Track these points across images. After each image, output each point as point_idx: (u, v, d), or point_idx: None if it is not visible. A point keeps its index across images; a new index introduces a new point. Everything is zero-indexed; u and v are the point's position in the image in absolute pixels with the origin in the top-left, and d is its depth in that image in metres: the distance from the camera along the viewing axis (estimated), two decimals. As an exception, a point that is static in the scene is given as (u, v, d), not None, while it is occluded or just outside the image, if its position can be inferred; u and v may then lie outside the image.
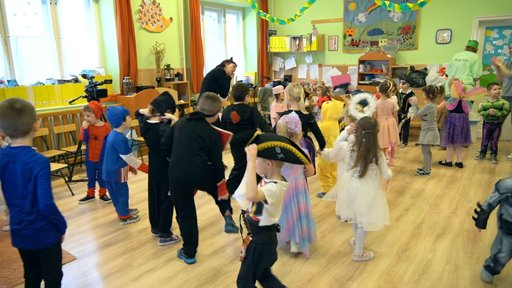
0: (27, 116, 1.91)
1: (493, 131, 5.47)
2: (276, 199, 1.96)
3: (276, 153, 1.96)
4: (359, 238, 2.88)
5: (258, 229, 2.06)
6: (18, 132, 1.91)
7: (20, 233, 1.96)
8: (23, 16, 5.41)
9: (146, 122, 3.17)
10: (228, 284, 2.64)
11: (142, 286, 2.65)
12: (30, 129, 1.93)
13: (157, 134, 3.05)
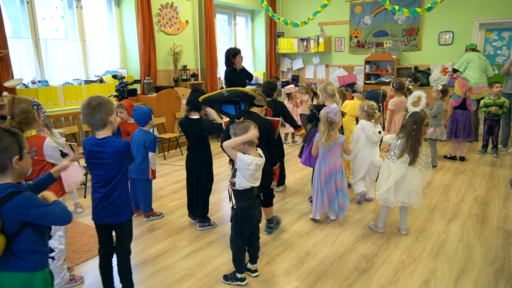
0: (100, 112, 2.21)
1: (494, 127, 5.84)
2: (245, 167, 2.47)
3: (223, 94, 2.72)
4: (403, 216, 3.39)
5: (238, 196, 2.60)
6: (96, 126, 2.24)
7: (101, 209, 2.28)
8: (51, 19, 5.72)
9: (187, 117, 3.47)
10: (271, 258, 2.97)
11: (191, 264, 2.97)
12: (106, 122, 2.25)
13: (200, 129, 3.37)
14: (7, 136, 1.65)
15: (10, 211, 1.61)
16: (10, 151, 1.65)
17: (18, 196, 1.62)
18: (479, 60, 6.42)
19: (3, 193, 1.62)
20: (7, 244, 1.65)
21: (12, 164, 1.65)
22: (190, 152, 3.58)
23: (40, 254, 1.72)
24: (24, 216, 1.63)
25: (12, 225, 1.64)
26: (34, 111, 2.51)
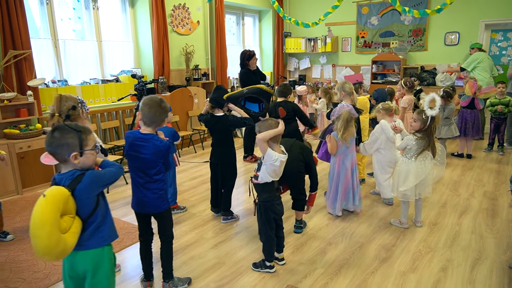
0: (164, 115, 2.41)
1: (500, 126, 6.01)
2: (270, 163, 2.62)
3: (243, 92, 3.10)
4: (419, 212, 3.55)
5: (260, 189, 2.76)
6: (153, 124, 2.40)
7: (143, 200, 2.44)
8: (68, 20, 5.87)
9: (212, 115, 3.63)
10: (295, 248, 3.13)
11: (219, 253, 3.13)
12: (160, 124, 2.43)
13: (226, 125, 3.53)
14: (70, 133, 1.80)
15: (83, 191, 1.77)
16: (71, 147, 1.80)
17: (84, 176, 1.78)
18: (488, 60, 6.58)
19: (71, 178, 1.79)
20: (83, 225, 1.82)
21: (70, 158, 1.80)
22: (215, 148, 3.73)
23: (107, 228, 1.89)
24: (96, 189, 1.82)
25: (88, 205, 1.80)
26: (79, 108, 2.67)
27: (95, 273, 1.87)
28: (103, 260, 1.89)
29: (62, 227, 1.72)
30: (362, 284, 2.67)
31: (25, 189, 4.62)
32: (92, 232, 1.84)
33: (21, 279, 2.79)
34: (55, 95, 2.67)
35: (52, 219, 1.66)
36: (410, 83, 5.55)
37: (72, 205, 1.77)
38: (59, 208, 1.69)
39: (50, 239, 1.64)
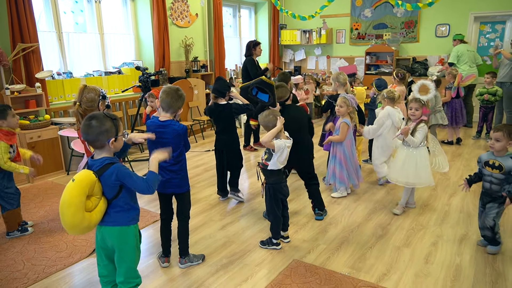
0: (181, 102, 2.62)
1: (488, 114, 6.32)
2: (281, 151, 2.82)
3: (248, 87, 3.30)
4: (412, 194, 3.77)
5: (268, 173, 2.96)
6: (170, 110, 2.61)
7: (166, 181, 2.66)
8: (71, 13, 6.00)
9: (216, 104, 3.84)
10: (298, 228, 3.39)
11: (228, 233, 3.38)
12: (177, 110, 2.64)
13: (231, 112, 3.78)
14: (108, 121, 2.01)
15: (107, 178, 1.98)
16: (109, 133, 2.00)
17: (112, 166, 1.99)
18: (468, 52, 6.89)
19: (100, 165, 2.00)
20: (108, 205, 2.04)
21: (108, 144, 2.01)
22: (219, 135, 3.96)
23: (134, 210, 2.11)
24: (117, 181, 2.01)
25: (111, 190, 2.01)
26: (99, 100, 2.87)
27: (122, 248, 2.09)
28: (129, 236, 2.11)
29: (88, 206, 1.95)
30: (361, 257, 2.94)
31: (35, 178, 4.80)
32: (118, 211, 2.06)
33: (46, 258, 3.01)
34: (80, 85, 2.87)
35: (77, 201, 1.89)
36: (402, 75, 5.79)
37: (98, 188, 1.98)
38: (85, 192, 1.92)
39: (74, 217, 1.89)
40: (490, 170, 2.84)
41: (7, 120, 3.16)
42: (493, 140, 2.81)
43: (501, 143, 2.77)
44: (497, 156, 2.83)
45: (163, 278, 2.73)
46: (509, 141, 2.76)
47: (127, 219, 2.08)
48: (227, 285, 2.63)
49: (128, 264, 2.11)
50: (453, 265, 2.82)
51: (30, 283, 2.69)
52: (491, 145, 2.83)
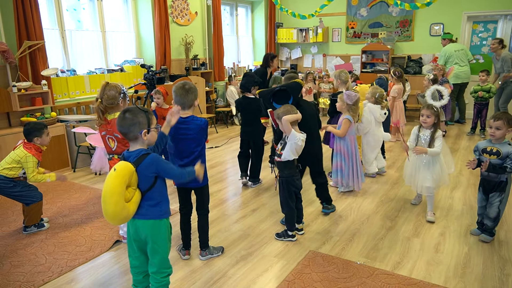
0: (191, 95, 2.68)
1: (482, 110, 6.53)
2: (295, 141, 2.94)
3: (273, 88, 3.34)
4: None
5: (282, 166, 3.08)
6: (184, 106, 2.68)
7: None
8: (74, 11, 6.00)
9: (245, 97, 4.17)
10: (310, 221, 3.50)
11: (242, 226, 3.47)
12: (192, 104, 2.71)
13: (258, 105, 3.98)
14: (141, 113, 2.09)
15: (144, 169, 2.06)
16: (142, 125, 2.09)
17: (148, 156, 2.08)
18: (455, 52, 7.09)
19: (137, 156, 2.08)
20: (142, 197, 2.11)
21: (141, 135, 2.09)
22: (245, 126, 4.34)
23: (165, 202, 2.18)
24: (155, 170, 2.08)
25: (146, 181, 2.09)
26: (120, 98, 2.93)
27: (155, 240, 2.17)
28: (162, 229, 2.19)
29: (126, 197, 2.02)
30: (374, 248, 3.07)
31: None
32: (151, 205, 2.13)
33: (66, 252, 3.06)
34: (102, 82, 2.92)
35: (120, 190, 1.96)
36: (399, 73, 5.96)
37: (135, 179, 2.06)
38: (125, 181, 1.99)
39: (117, 206, 1.95)
40: (488, 157, 2.97)
41: (42, 138, 3.36)
42: (494, 129, 2.94)
43: (501, 131, 2.92)
44: (495, 143, 2.97)
45: (185, 270, 2.81)
46: (508, 128, 2.92)
47: (160, 212, 2.16)
48: (249, 275, 2.73)
49: (161, 255, 2.19)
50: (462, 253, 2.97)
51: (55, 276, 2.75)
52: (491, 133, 2.96)
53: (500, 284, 2.59)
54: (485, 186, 3.11)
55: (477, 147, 3.10)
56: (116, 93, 2.92)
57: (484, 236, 3.14)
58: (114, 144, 2.95)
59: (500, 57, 6.51)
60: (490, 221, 3.09)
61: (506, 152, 2.89)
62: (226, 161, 5.53)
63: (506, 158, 2.89)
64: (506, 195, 3.03)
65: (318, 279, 2.64)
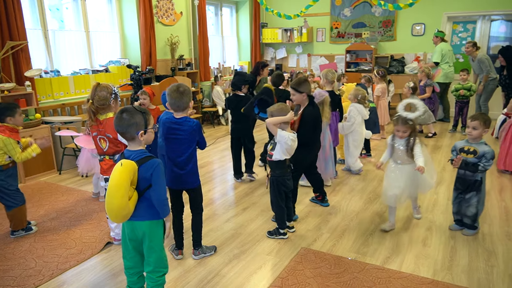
0: (186, 97, 2.67)
1: (463, 108, 6.71)
2: (284, 141, 2.97)
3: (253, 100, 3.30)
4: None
5: (273, 166, 3.11)
6: (179, 108, 2.68)
7: (179, 177, 2.74)
8: (56, 11, 5.91)
9: (236, 95, 4.29)
10: (300, 219, 3.54)
11: (234, 225, 3.49)
12: (187, 106, 2.71)
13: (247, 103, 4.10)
14: (138, 114, 2.09)
15: (145, 170, 2.06)
16: (139, 126, 2.08)
17: (151, 160, 2.08)
18: (449, 52, 7.25)
19: (141, 156, 2.08)
20: (139, 197, 2.11)
21: (138, 136, 2.09)
22: (236, 124, 4.43)
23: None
24: (151, 175, 2.08)
25: (145, 182, 2.08)
26: (111, 98, 2.91)
27: (152, 238, 2.17)
28: (158, 228, 2.20)
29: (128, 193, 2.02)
30: (365, 243, 3.13)
31: (27, 178, 4.73)
32: (148, 206, 2.12)
33: (56, 255, 3.02)
34: (93, 83, 2.90)
35: (126, 184, 1.97)
36: (382, 72, 6.08)
37: (135, 178, 2.06)
38: (130, 177, 2.00)
39: (122, 200, 1.96)
40: (465, 156, 3.07)
41: (15, 118, 3.20)
42: (471, 128, 3.04)
43: (478, 131, 3.02)
44: (472, 142, 3.07)
45: (179, 269, 2.81)
46: (484, 128, 3.01)
47: (156, 213, 2.16)
48: (242, 273, 2.75)
49: (158, 254, 2.19)
50: (448, 247, 3.06)
51: (46, 280, 2.71)
52: (468, 133, 3.06)
53: (486, 275, 2.69)
54: (460, 184, 3.20)
55: (455, 146, 3.20)
56: (107, 93, 2.90)
57: (466, 231, 3.24)
58: (106, 144, 2.93)
59: (476, 58, 6.70)
60: (469, 219, 3.18)
61: (483, 151, 2.99)
62: (214, 161, 5.53)
63: (482, 157, 2.99)
64: (482, 194, 3.13)
65: (311, 275, 2.69)
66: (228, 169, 5.10)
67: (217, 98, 7.84)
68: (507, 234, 3.25)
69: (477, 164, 2.99)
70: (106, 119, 2.91)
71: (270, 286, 2.58)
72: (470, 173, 3.08)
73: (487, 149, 2.99)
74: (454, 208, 3.30)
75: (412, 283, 2.59)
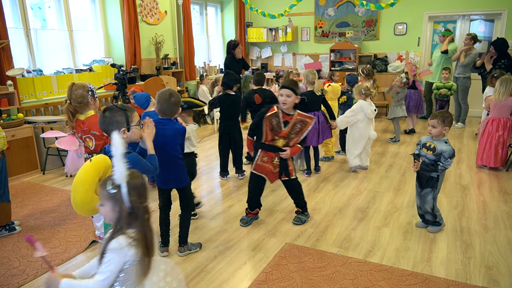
0: (176, 107, 2.71)
1: (444, 106, 6.87)
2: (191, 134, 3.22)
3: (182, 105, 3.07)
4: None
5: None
6: (166, 114, 2.70)
7: (167, 177, 2.76)
8: (38, 10, 5.84)
9: (227, 94, 4.39)
10: (285, 215, 3.60)
11: (219, 222, 3.52)
12: (174, 114, 2.74)
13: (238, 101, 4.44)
14: (119, 111, 2.11)
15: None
16: (120, 124, 2.11)
17: (129, 155, 2.10)
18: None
19: None
20: None
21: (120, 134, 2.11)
22: (226, 121, 4.51)
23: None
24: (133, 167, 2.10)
25: None
26: (89, 96, 2.91)
27: None
28: None
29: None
30: (347, 238, 3.20)
31: (10, 178, 4.64)
32: None
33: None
34: (68, 83, 2.89)
35: (91, 180, 2.00)
36: (367, 71, 6.17)
37: (110, 173, 2.08)
38: (99, 173, 2.02)
39: (86, 195, 1.99)
40: (425, 151, 3.14)
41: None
42: (430, 127, 3.12)
43: (437, 129, 3.07)
44: (434, 139, 3.14)
45: (164, 266, 2.83)
46: (444, 127, 3.06)
47: None
48: (228, 269, 2.79)
49: None
50: (427, 240, 3.16)
51: (31, 279, 2.71)
52: (429, 131, 3.14)
53: (463, 266, 2.78)
54: (418, 178, 3.27)
55: (420, 141, 3.26)
56: (83, 91, 2.89)
57: (431, 228, 3.31)
58: (93, 143, 2.93)
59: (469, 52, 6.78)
60: (429, 215, 3.26)
61: (441, 149, 3.04)
62: (200, 159, 5.54)
63: (440, 155, 3.05)
64: (437, 191, 3.19)
65: (295, 269, 2.74)
66: (214, 167, 5.13)
67: (203, 97, 7.84)
68: (484, 227, 3.36)
69: (437, 163, 3.05)
70: (88, 117, 2.92)
71: (255, 280, 2.63)
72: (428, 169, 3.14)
73: (445, 148, 3.02)
74: (417, 202, 3.37)
75: (393, 275, 2.67)
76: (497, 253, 2.95)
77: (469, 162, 5.13)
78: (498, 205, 3.82)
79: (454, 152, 3.04)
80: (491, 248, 3.02)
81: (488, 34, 7.86)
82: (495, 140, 4.72)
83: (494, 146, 4.73)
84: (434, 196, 3.19)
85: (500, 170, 4.80)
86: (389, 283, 2.58)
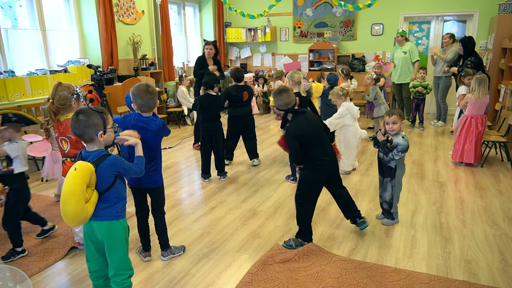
0: (156, 96, 2.65)
1: (420, 105, 7.03)
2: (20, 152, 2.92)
3: (10, 117, 2.88)
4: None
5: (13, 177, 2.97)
6: (150, 109, 2.64)
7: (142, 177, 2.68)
8: (9, 8, 5.64)
9: (208, 94, 4.36)
10: (269, 215, 3.59)
11: (202, 225, 3.48)
12: (154, 107, 2.68)
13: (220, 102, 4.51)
14: (95, 114, 2.04)
15: (104, 169, 2.03)
16: (97, 127, 2.04)
17: (108, 157, 2.05)
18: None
19: (97, 156, 2.04)
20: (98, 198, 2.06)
21: (97, 137, 2.05)
22: (207, 122, 4.45)
23: (121, 201, 2.15)
24: (115, 170, 2.06)
25: (105, 182, 2.05)
26: (73, 99, 2.82)
27: (112, 241, 2.13)
28: (118, 229, 2.15)
29: (85, 197, 1.98)
30: (331, 236, 3.22)
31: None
32: (107, 206, 2.10)
33: (16, 263, 2.90)
34: (54, 82, 2.80)
35: (80, 189, 1.92)
36: (346, 71, 6.25)
37: (93, 180, 2.02)
38: (86, 181, 1.95)
39: (77, 206, 1.91)
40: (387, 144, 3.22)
41: None
42: (391, 124, 3.19)
43: (397, 124, 3.18)
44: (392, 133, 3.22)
45: (147, 271, 2.78)
46: (401, 121, 3.18)
47: (116, 213, 2.13)
48: (212, 272, 2.76)
49: (119, 256, 2.14)
50: (409, 236, 3.21)
51: (6, 289, 2.59)
52: (390, 129, 3.20)
53: (443, 261, 2.84)
54: (380, 167, 3.39)
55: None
56: (68, 93, 2.81)
57: (386, 220, 3.42)
58: (67, 146, 2.85)
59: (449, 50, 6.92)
60: (386, 204, 3.38)
61: (396, 143, 3.15)
62: (180, 162, 5.48)
63: (395, 148, 3.15)
64: (396, 181, 3.28)
65: (280, 269, 2.74)
66: (195, 169, 5.07)
67: (182, 98, 7.76)
68: (462, 222, 3.45)
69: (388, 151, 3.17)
70: (67, 119, 2.83)
71: (240, 282, 2.60)
72: (388, 159, 3.22)
73: (400, 141, 3.14)
74: (379, 191, 3.48)
75: (376, 272, 2.70)
76: (475, 247, 3.03)
77: (445, 159, 5.26)
78: (474, 200, 3.93)
79: (408, 147, 3.17)
80: (469, 243, 3.10)
81: (461, 34, 8.08)
82: (474, 137, 4.84)
83: (474, 142, 4.85)
84: (393, 185, 3.29)
85: (475, 166, 4.94)
86: (373, 280, 2.60)
